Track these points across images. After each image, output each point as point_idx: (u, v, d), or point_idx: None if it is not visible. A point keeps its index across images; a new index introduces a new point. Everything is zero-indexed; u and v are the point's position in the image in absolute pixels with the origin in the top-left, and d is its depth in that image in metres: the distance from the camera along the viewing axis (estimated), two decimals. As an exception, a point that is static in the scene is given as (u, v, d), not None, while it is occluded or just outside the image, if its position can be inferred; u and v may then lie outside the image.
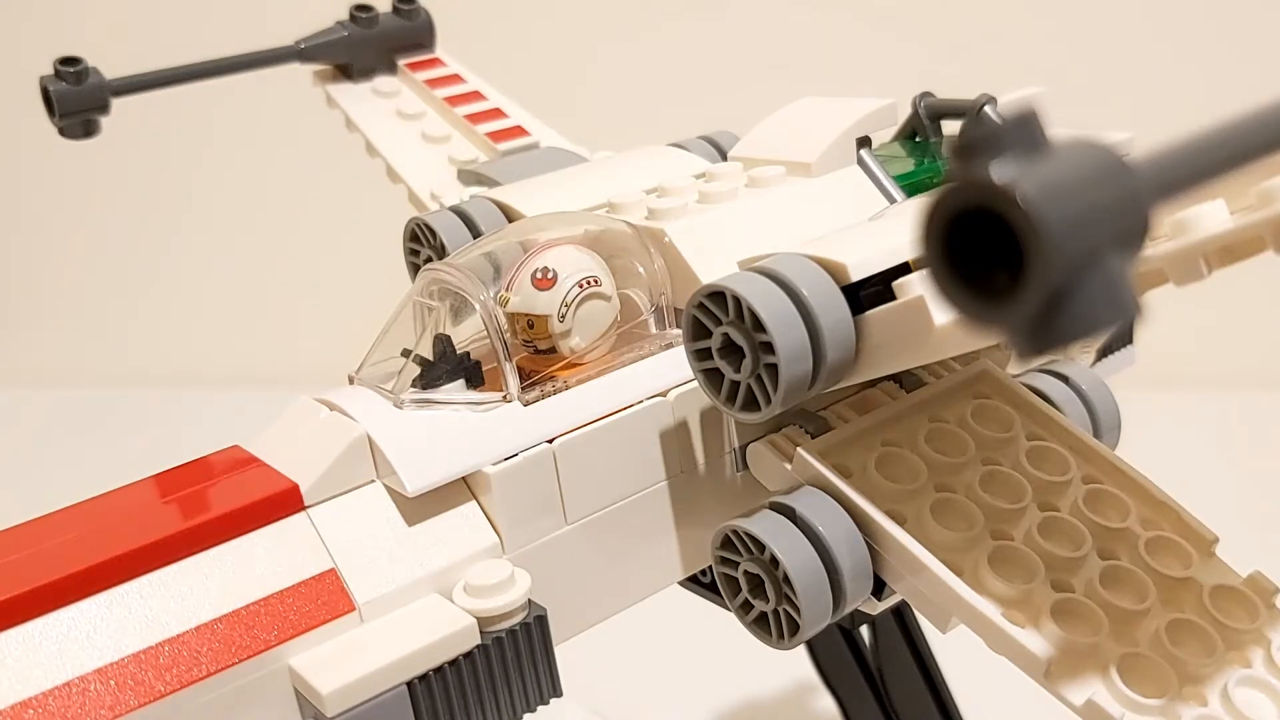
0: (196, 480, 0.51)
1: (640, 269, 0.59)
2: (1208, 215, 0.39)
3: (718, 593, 0.55)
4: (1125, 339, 0.74)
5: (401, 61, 0.93)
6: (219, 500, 0.49)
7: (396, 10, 0.93)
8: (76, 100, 0.82)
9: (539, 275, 0.56)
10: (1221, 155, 0.29)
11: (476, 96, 0.90)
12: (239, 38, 0.94)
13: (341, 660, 0.46)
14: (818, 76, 1.89)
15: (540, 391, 0.55)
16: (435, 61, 0.94)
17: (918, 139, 0.75)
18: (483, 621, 0.48)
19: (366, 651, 0.47)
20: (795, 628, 0.50)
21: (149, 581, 0.46)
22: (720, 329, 0.49)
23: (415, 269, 0.71)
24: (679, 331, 0.54)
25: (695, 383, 0.52)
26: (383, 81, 0.92)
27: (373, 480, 0.52)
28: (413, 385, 0.54)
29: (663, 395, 0.56)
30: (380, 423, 0.52)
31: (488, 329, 0.55)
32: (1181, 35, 1.84)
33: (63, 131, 0.84)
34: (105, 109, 0.84)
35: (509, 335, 0.55)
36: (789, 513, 0.51)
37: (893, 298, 0.47)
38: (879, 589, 0.52)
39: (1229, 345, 1.87)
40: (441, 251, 0.67)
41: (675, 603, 0.65)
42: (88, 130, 0.85)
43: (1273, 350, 1.88)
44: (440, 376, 0.55)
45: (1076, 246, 0.26)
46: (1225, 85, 1.73)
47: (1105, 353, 0.73)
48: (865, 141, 0.67)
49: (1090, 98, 1.56)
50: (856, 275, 0.48)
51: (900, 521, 0.50)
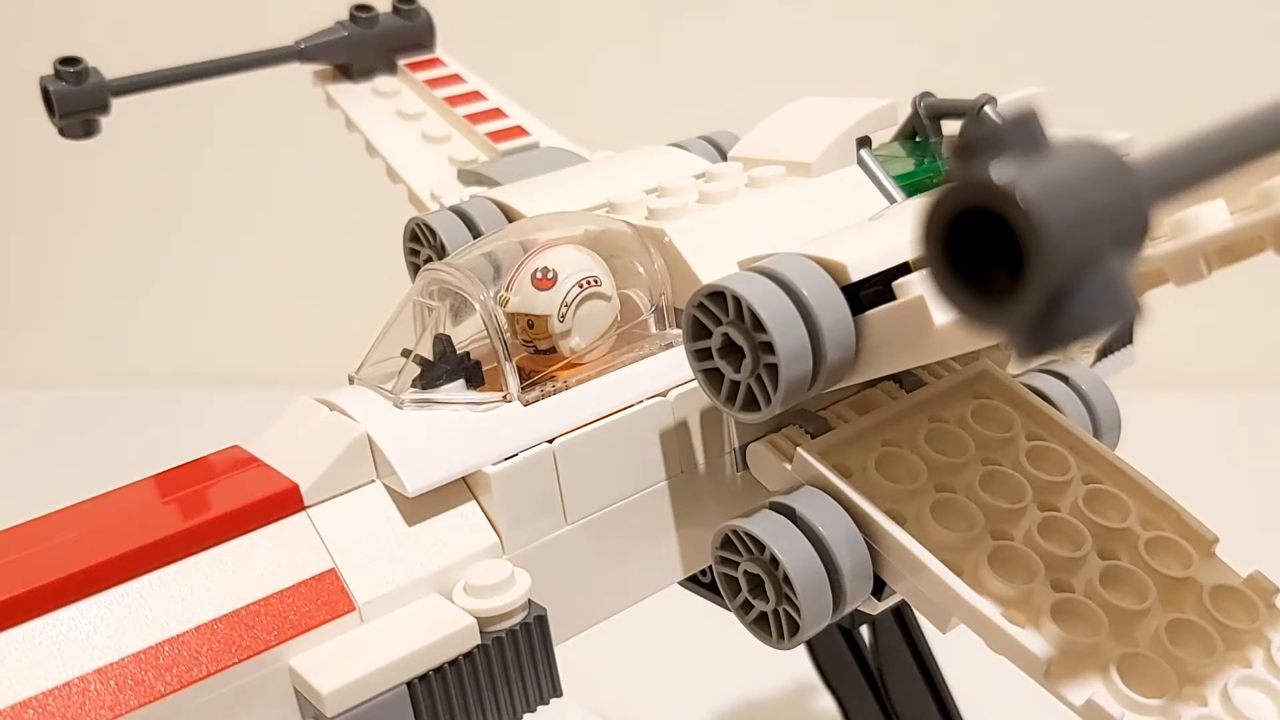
0: (196, 480, 0.51)
1: (640, 269, 0.59)
2: (1208, 215, 0.39)
3: (718, 593, 0.55)
4: (1125, 339, 0.74)
5: (401, 61, 0.93)
6: (219, 500, 0.49)
7: (396, 10, 0.93)
8: (76, 100, 0.82)
9: (539, 275, 0.56)
10: (1221, 155, 0.29)
11: (476, 96, 0.90)
12: (239, 38, 0.94)
13: (341, 660, 0.46)
14: (818, 76, 1.89)
15: (540, 391, 0.55)
16: (435, 61, 0.94)
17: (918, 139, 0.75)
18: (483, 621, 0.48)
19: (366, 651, 0.47)
20: (795, 628, 0.50)
21: (149, 581, 0.46)
22: (720, 329, 0.49)
23: (415, 269, 0.71)
24: (679, 331, 0.54)
25: (695, 383, 0.52)
26: (383, 81, 0.92)
27: (373, 480, 0.52)
28: (413, 385, 0.54)
29: (663, 395, 0.56)
30: (380, 423, 0.52)
31: (488, 329, 0.55)
32: (1181, 35, 1.84)
33: (63, 131, 0.84)
34: (105, 109, 0.84)
35: (509, 335, 0.55)
36: (789, 513, 0.51)
37: (893, 298, 0.47)
38: (879, 589, 0.52)
39: (1229, 345, 1.87)
40: (441, 251, 0.67)
41: (675, 603, 0.65)
42: (88, 130, 0.85)
43: (1273, 350, 1.88)
44: (440, 376, 0.55)
45: (1076, 246, 0.26)
46: (1225, 85, 1.73)
47: (1105, 353, 0.73)
48: (865, 141, 0.67)
49: (1090, 98, 1.56)
50: (856, 275, 0.48)
51: (900, 521, 0.50)
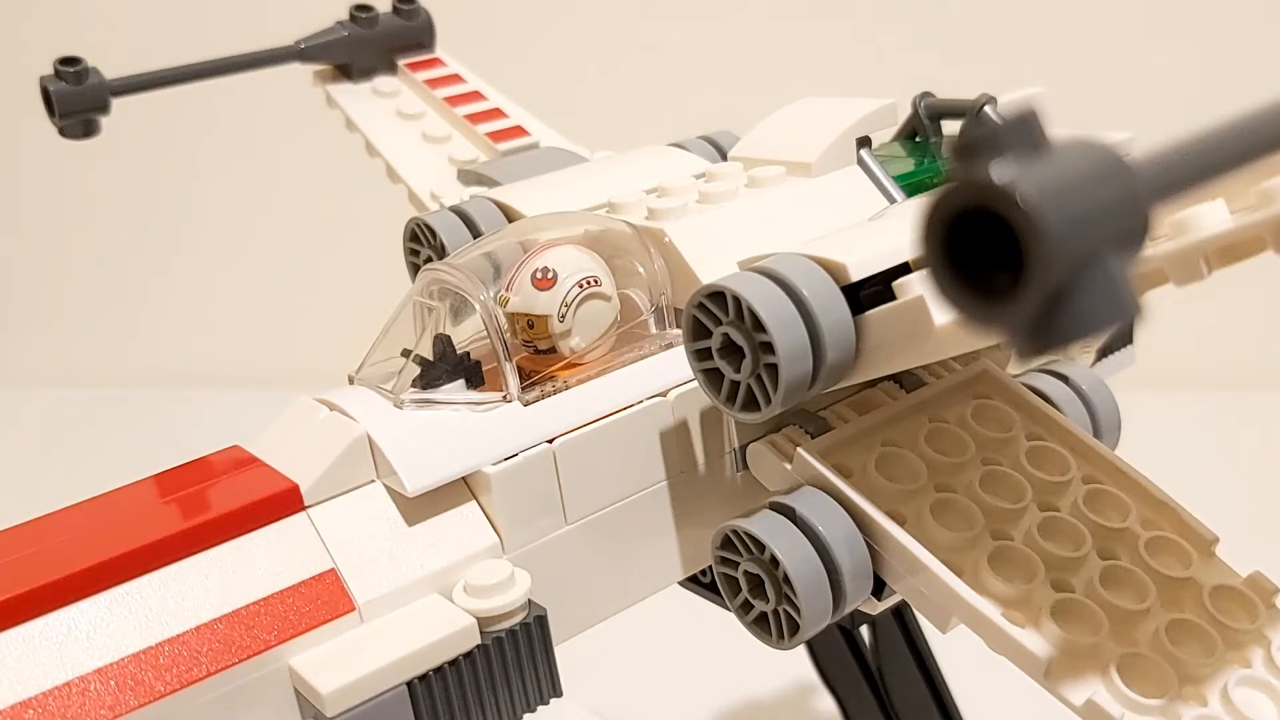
0: (196, 480, 0.51)
1: (640, 269, 0.59)
2: (1208, 215, 0.39)
3: (718, 593, 0.55)
4: (1125, 339, 0.74)
5: (401, 61, 0.93)
6: (219, 500, 0.49)
7: (396, 10, 0.93)
8: (76, 100, 0.82)
9: (539, 275, 0.56)
10: (1221, 155, 0.29)
11: (476, 96, 0.90)
12: (239, 38, 0.94)
13: (341, 660, 0.46)
14: (818, 77, 1.89)
15: (540, 391, 0.55)
16: (435, 61, 0.94)
17: (918, 139, 0.75)
18: (483, 621, 0.48)
19: (366, 651, 0.47)
20: (795, 628, 0.50)
21: (149, 581, 0.46)
22: (720, 329, 0.49)
23: (415, 269, 0.71)
24: (679, 331, 0.54)
25: (695, 383, 0.52)
26: (383, 81, 0.92)
27: (373, 480, 0.52)
28: (413, 385, 0.54)
29: (663, 395, 0.56)
30: (380, 423, 0.52)
31: (488, 329, 0.55)
32: (1181, 35, 1.84)
33: (63, 131, 0.84)
34: (105, 109, 0.84)
35: (509, 335, 0.55)
36: (789, 513, 0.51)
37: (893, 298, 0.47)
38: (879, 589, 0.52)
39: (1229, 345, 1.87)
40: (441, 251, 0.67)
41: (675, 603, 0.65)
42: (88, 130, 0.85)
43: (1273, 350, 1.88)
44: (440, 376, 0.55)
45: (1076, 246, 0.26)
46: (1225, 85, 1.73)
47: (1105, 353, 0.73)
48: (865, 141, 0.67)
49: (1090, 98, 1.56)
50: (856, 275, 0.48)
51: (900, 521, 0.50)
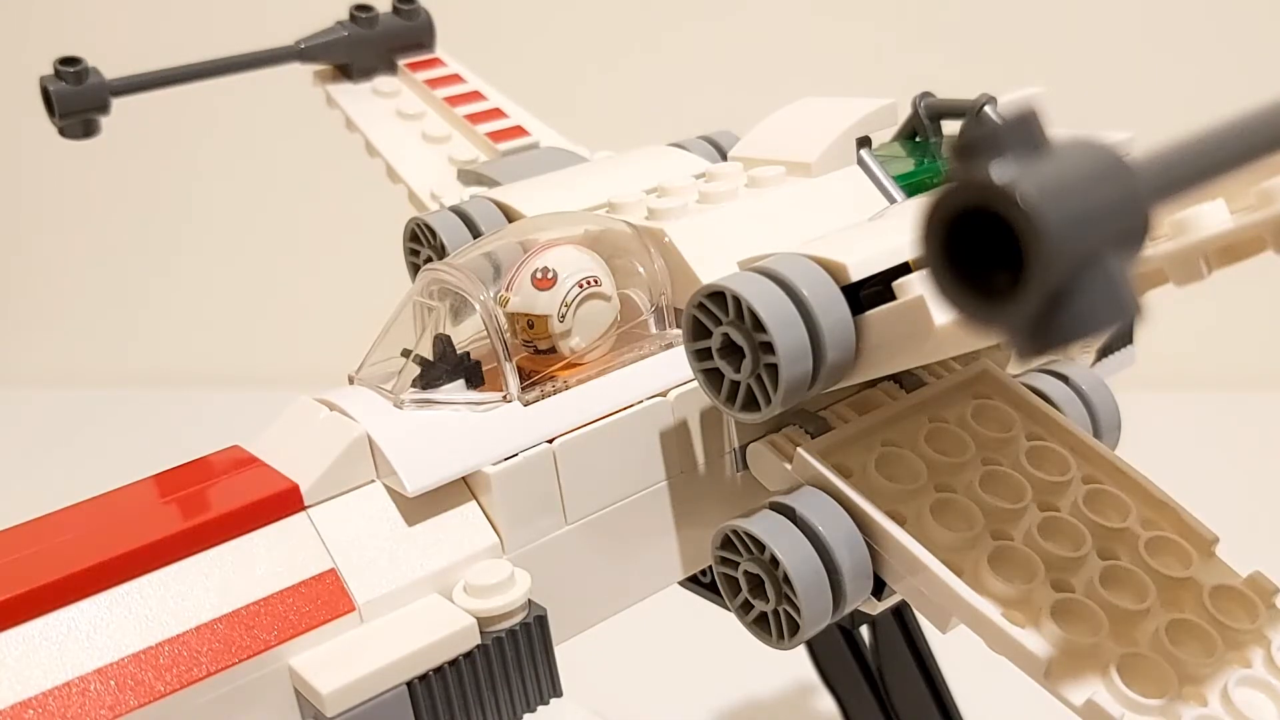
0: (196, 480, 0.51)
1: (640, 269, 0.59)
2: (1208, 215, 0.39)
3: (718, 593, 0.55)
4: (1125, 339, 0.74)
5: (401, 61, 0.93)
6: (219, 500, 0.49)
7: (396, 10, 0.93)
8: (76, 100, 0.82)
9: (539, 275, 0.56)
10: (1221, 155, 0.29)
11: (476, 96, 0.90)
12: (239, 38, 0.94)
13: (341, 660, 0.46)
14: (818, 76, 1.89)
15: (540, 391, 0.55)
16: (435, 61, 0.94)
17: (918, 139, 0.75)
18: (483, 621, 0.48)
19: (366, 651, 0.47)
20: (795, 628, 0.50)
21: (149, 581, 0.46)
22: (720, 329, 0.49)
23: (415, 269, 0.71)
24: (679, 331, 0.54)
25: (695, 383, 0.52)
26: (383, 81, 0.92)
27: (373, 480, 0.52)
28: (413, 385, 0.54)
29: (663, 395, 0.56)
30: (380, 423, 0.52)
31: (488, 329, 0.55)
32: (1181, 35, 1.84)
33: (63, 131, 0.84)
34: (105, 109, 0.84)
35: (509, 335, 0.55)
36: (789, 513, 0.51)
37: (893, 298, 0.47)
38: (879, 589, 0.52)
39: (1229, 345, 1.87)
40: (441, 251, 0.67)
41: (675, 603, 0.65)
42: (88, 130, 0.85)
43: (1273, 350, 1.88)
44: (440, 376, 0.55)
45: (1076, 247, 0.26)
46: (1225, 85, 1.73)
47: (1105, 353, 0.73)
48: (865, 141, 0.67)
49: (1090, 98, 1.56)
50: (856, 275, 0.48)
51: (900, 521, 0.50)
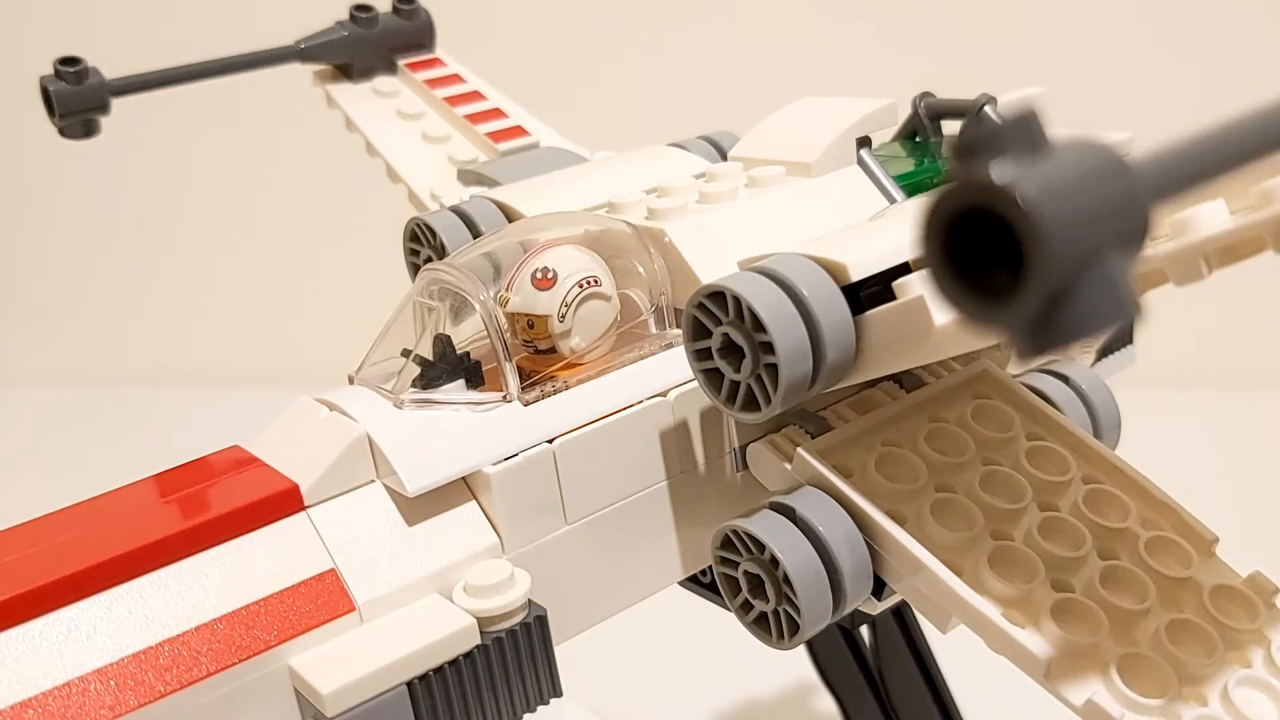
0: (196, 480, 0.51)
1: (640, 269, 0.59)
2: (1208, 215, 0.39)
3: (718, 593, 0.55)
4: (1125, 339, 0.74)
5: (401, 61, 0.93)
6: (219, 500, 0.49)
7: (396, 10, 0.93)
8: (76, 100, 0.82)
9: (539, 275, 0.56)
10: (1221, 155, 0.29)
11: (476, 96, 0.90)
12: (239, 38, 0.94)
13: (341, 660, 0.46)
14: (818, 77, 1.89)
15: (540, 391, 0.55)
16: (435, 61, 0.94)
17: (918, 139, 0.75)
18: (483, 621, 0.48)
19: (366, 651, 0.47)
20: (795, 628, 0.50)
21: (149, 581, 0.46)
22: (720, 329, 0.49)
23: (415, 269, 0.71)
24: (679, 331, 0.54)
25: (695, 383, 0.52)
26: (383, 81, 0.92)
27: (373, 480, 0.52)
28: (413, 385, 0.54)
29: (663, 395, 0.56)
30: (380, 423, 0.52)
31: (488, 329, 0.55)
32: (1181, 35, 1.84)
33: (63, 131, 0.84)
34: (105, 109, 0.84)
35: (509, 335, 0.55)
36: (789, 513, 0.51)
37: (893, 298, 0.47)
38: (879, 589, 0.52)
39: (1229, 345, 1.87)
40: (441, 251, 0.67)
41: (675, 603, 0.65)
42: (88, 130, 0.85)
43: (1273, 350, 1.88)
44: (440, 376, 0.55)
45: (1076, 246, 0.26)
46: (1225, 85, 1.73)
47: (1105, 353, 0.73)
48: (865, 141, 0.67)
49: (1090, 98, 1.56)
50: (856, 275, 0.48)
51: (900, 521, 0.50)
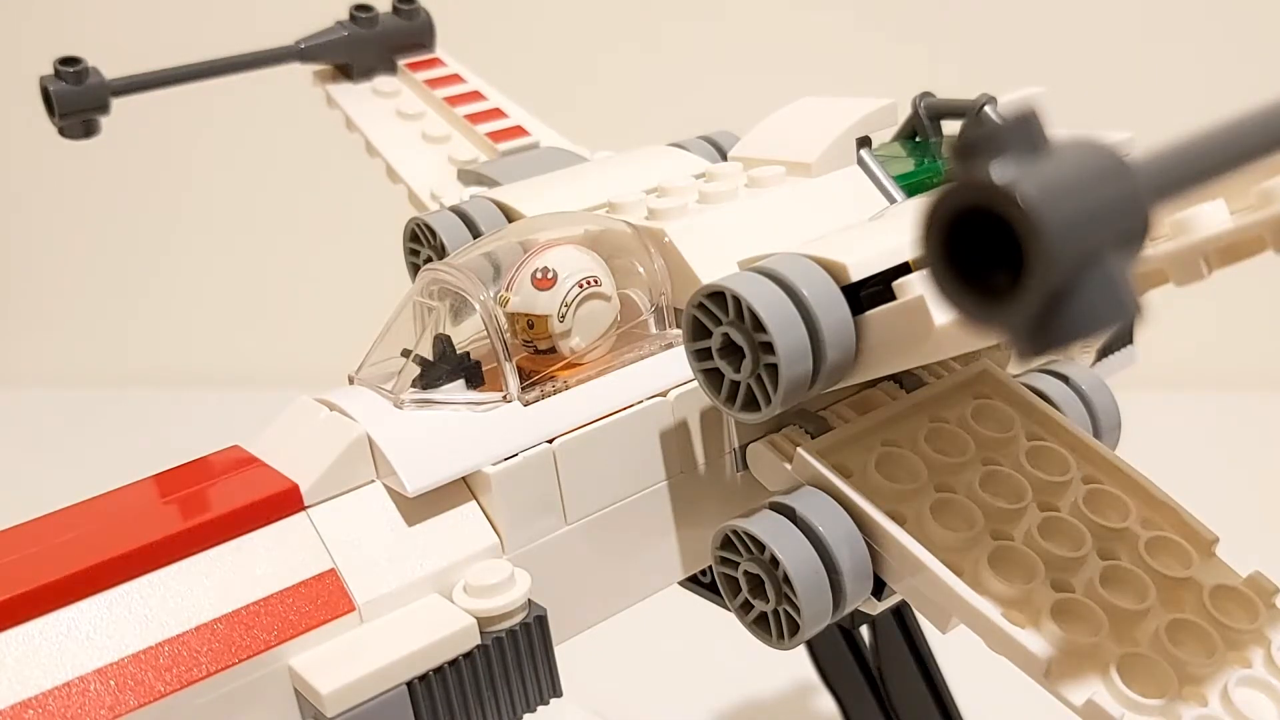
0: (196, 480, 0.51)
1: (640, 269, 0.59)
2: (1208, 215, 0.39)
3: (718, 593, 0.55)
4: (1125, 339, 0.74)
5: (401, 61, 0.93)
6: (219, 500, 0.49)
7: (396, 10, 0.93)
8: (76, 100, 0.82)
9: (539, 275, 0.56)
10: (1221, 155, 0.29)
11: (476, 96, 0.90)
12: (239, 38, 0.94)
13: (341, 660, 0.46)
14: (818, 76, 1.89)
15: (540, 391, 0.55)
16: (435, 61, 0.94)
17: (918, 139, 0.75)
18: (483, 621, 0.48)
19: (366, 651, 0.47)
20: (795, 628, 0.50)
21: (149, 581, 0.46)
22: (720, 329, 0.49)
23: (415, 269, 0.71)
24: (679, 331, 0.54)
25: (695, 383, 0.52)
26: (383, 81, 0.92)
27: (373, 480, 0.52)
28: (413, 385, 0.54)
29: (663, 395, 0.56)
30: (380, 423, 0.52)
31: (488, 329, 0.55)
32: (1181, 35, 1.84)
33: (63, 131, 0.84)
34: (105, 109, 0.84)
35: (509, 335, 0.55)
36: (789, 513, 0.51)
37: (893, 298, 0.47)
38: (879, 589, 0.52)
39: (1229, 345, 1.87)
40: (441, 251, 0.67)
41: (675, 603, 0.65)
42: (88, 130, 0.85)
43: (1273, 350, 1.88)
44: (440, 376, 0.55)
45: (1076, 247, 0.26)
46: (1225, 85, 1.73)
47: (1105, 353, 0.73)
48: (865, 141, 0.67)
49: (1090, 98, 1.56)
50: (856, 275, 0.48)
51: (900, 521, 0.50)
